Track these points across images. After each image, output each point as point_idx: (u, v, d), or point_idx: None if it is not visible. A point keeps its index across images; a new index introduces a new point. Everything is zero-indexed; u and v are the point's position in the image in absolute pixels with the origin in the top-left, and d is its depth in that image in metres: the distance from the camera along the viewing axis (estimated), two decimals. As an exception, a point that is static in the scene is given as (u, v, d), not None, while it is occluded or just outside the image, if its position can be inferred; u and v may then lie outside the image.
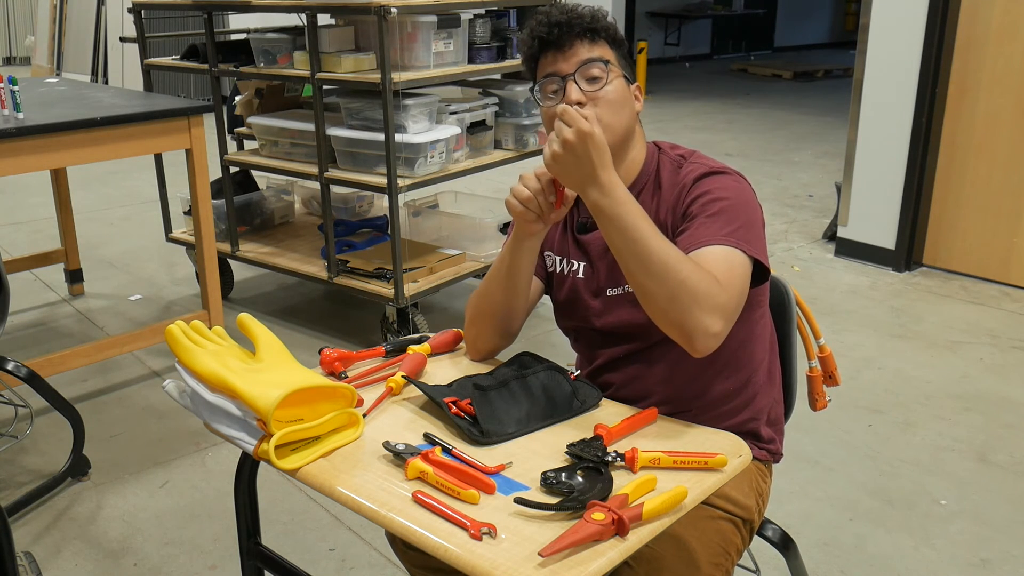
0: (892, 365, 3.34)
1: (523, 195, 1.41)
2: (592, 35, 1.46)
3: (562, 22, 1.45)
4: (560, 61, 1.46)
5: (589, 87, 1.44)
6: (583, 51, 1.45)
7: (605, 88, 1.45)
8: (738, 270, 1.35)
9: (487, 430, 1.30)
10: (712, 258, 1.34)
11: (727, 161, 1.56)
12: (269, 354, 1.36)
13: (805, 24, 13.99)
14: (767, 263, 1.41)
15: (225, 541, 2.36)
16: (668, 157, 1.54)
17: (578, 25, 1.46)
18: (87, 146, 2.72)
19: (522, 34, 1.52)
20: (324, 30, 3.22)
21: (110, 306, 3.99)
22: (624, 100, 1.47)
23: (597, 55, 1.46)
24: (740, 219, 1.40)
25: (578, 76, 1.44)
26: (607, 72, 1.45)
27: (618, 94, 1.46)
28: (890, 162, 4.21)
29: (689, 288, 1.28)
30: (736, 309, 1.34)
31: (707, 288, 1.28)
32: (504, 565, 1.03)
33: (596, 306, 1.55)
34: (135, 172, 6.22)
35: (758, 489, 1.54)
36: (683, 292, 1.28)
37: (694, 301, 1.28)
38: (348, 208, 4.09)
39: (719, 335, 1.30)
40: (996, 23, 3.89)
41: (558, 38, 1.46)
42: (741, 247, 1.37)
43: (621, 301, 1.52)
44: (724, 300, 1.30)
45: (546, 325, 3.53)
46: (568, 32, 1.45)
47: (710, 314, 1.28)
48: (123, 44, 8.66)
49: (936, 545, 2.32)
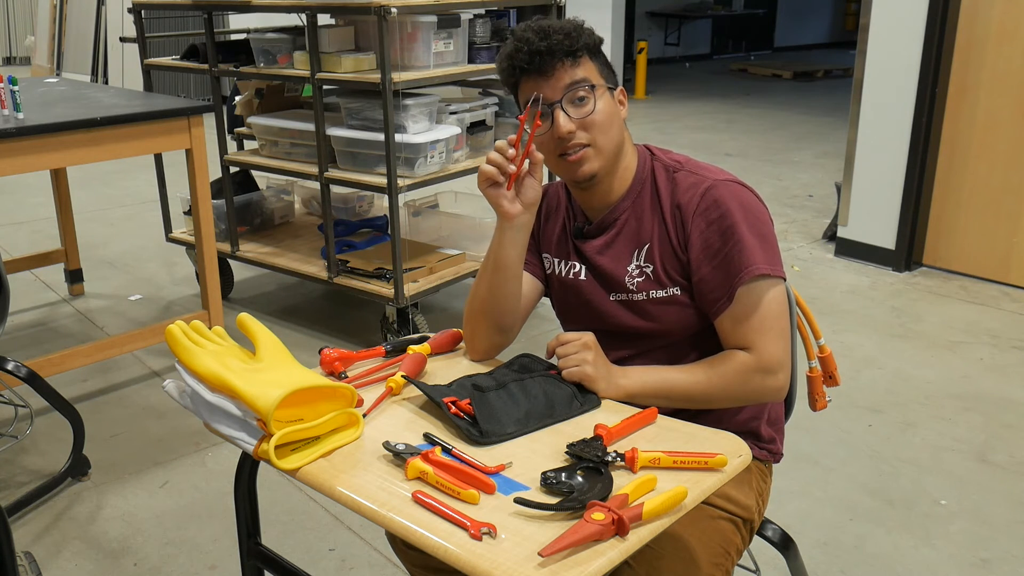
0: (892, 365, 3.34)
1: (493, 157, 1.42)
2: (573, 57, 1.44)
3: (542, 51, 1.42)
4: (543, 86, 1.44)
5: (577, 112, 1.44)
6: (565, 75, 1.43)
7: (594, 112, 1.44)
8: (775, 307, 1.43)
9: (486, 430, 1.30)
10: (751, 309, 1.42)
11: (727, 161, 1.57)
12: (269, 354, 1.36)
13: (805, 24, 13.99)
14: (784, 274, 1.47)
15: (225, 541, 2.36)
16: (661, 163, 1.54)
17: (559, 50, 1.42)
18: (87, 146, 2.71)
19: (499, 57, 1.50)
20: (324, 30, 3.22)
21: (110, 306, 3.99)
22: (612, 117, 1.47)
23: (580, 77, 1.44)
24: (756, 237, 1.43)
25: (564, 103, 1.44)
26: (592, 93, 1.44)
27: (605, 114, 1.46)
28: (890, 162, 4.21)
29: (738, 393, 1.44)
30: (784, 352, 1.44)
31: (748, 376, 1.42)
32: (504, 565, 1.03)
33: (600, 310, 1.55)
34: (135, 172, 6.22)
35: (758, 489, 1.54)
36: (736, 397, 1.44)
37: (747, 395, 1.44)
38: (348, 208, 4.09)
39: (784, 385, 1.45)
40: (996, 24, 3.89)
41: (539, 66, 1.43)
42: (766, 272, 1.42)
43: (624, 305, 1.53)
44: (767, 361, 1.41)
45: (546, 325, 3.53)
46: (549, 59, 1.43)
47: (767, 386, 1.43)
48: (123, 44, 8.66)
49: (936, 545, 2.32)
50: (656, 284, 1.49)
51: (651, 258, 1.50)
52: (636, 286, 1.51)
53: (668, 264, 1.48)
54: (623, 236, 1.52)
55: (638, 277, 1.50)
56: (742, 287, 1.42)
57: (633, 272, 1.51)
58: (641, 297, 1.51)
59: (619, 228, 1.53)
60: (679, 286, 1.48)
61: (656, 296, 1.49)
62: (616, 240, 1.53)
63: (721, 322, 1.45)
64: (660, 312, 1.50)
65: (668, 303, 1.49)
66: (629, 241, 1.52)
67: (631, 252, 1.51)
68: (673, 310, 1.49)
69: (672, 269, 1.48)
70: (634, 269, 1.51)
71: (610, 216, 1.54)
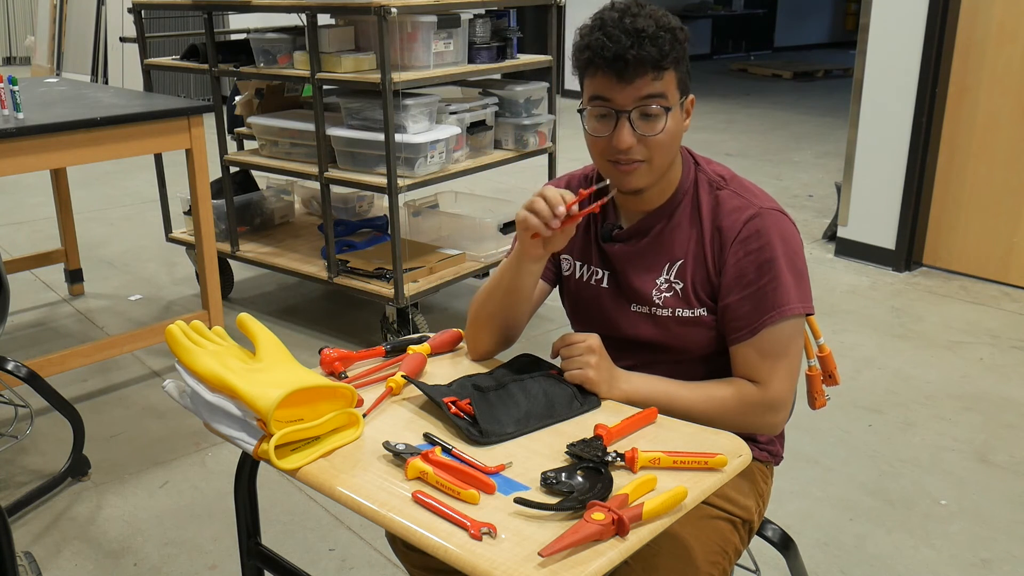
0: (892, 365, 3.34)
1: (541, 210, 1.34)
2: (658, 70, 1.33)
3: (629, 60, 1.30)
4: (617, 91, 1.34)
5: (643, 127, 1.36)
6: (645, 87, 1.33)
7: (660, 133, 1.36)
8: (793, 349, 1.42)
9: (486, 430, 1.29)
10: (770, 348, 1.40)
11: (727, 161, 1.56)
12: (269, 354, 1.36)
13: (805, 24, 13.98)
14: (813, 308, 1.46)
15: (225, 541, 2.36)
16: (705, 175, 1.48)
17: (647, 61, 1.31)
18: (87, 146, 2.72)
19: (580, 38, 1.37)
20: (324, 30, 3.22)
21: (110, 306, 3.99)
22: (675, 137, 1.40)
23: (659, 91, 1.34)
24: (793, 274, 1.41)
25: (634, 114, 1.35)
26: (665, 113, 1.35)
27: (670, 135, 1.38)
28: (890, 162, 4.21)
29: (737, 421, 1.40)
30: (791, 391, 1.43)
31: (751, 408, 1.41)
32: (504, 565, 1.03)
33: (619, 318, 1.51)
34: (135, 172, 6.22)
35: (758, 490, 1.54)
36: (733, 424, 1.38)
37: (746, 425, 1.41)
38: (348, 208, 4.09)
39: (783, 422, 1.45)
40: (996, 24, 3.89)
41: (620, 71, 1.32)
42: (797, 312, 1.41)
43: (645, 318, 1.49)
44: (773, 398, 1.41)
45: (547, 325, 3.53)
46: (634, 68, 1.32)
47: (766, 421, 1.43)
48: (123, 44, 8.66)
49: (936, 545, 2.32)
50: (684, 303, 1.45)
51: (683, 275, 1.45)
52: (663, 301, 1.46)
53: (699, 285, 1.44)
54: (656, 247, 1.47)
55: (666, 292, 1.46)
56: (770, 326, 1.39)
57: (662, 286, 1.46)
58: (666, 313, 1.46)
59: (653, 238, 1.47)
60: (706, 307, 1.44)
61: (682, 315, 1.45)
62: (648, 250, 1.48)
63: (737, 350, 1.43)
64: (682, 331, 1.46)
65: (692, 324, 1.45)
66: (661, 253, 1.47)
67: (662, 265, 1.47)
68: (695, 331, 1.46)
69: (702, 290, 1.44)
70: (663, 283, 1.46)
71: (645, 223, 1.48)
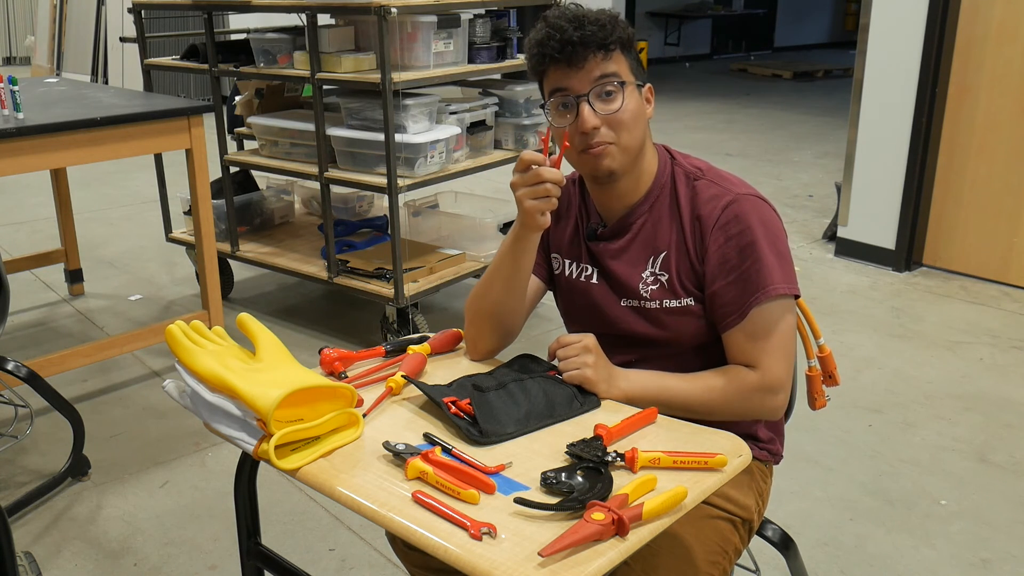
0: (892, 365, 3.34)
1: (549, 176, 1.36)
2: (605, 50, 1.39)
3: (575, 41, 1.37)
4: (572, 77, 1.40)
5: (603, 107, 1.40)
6: (596, 68, 1.39)
7: (621, 109, 1.40)
8: (785, 328, 1.43)
9: (486, 430, 1.30)
10: (761, 329, 1.41)
11: (727, 161, 1.56)
12: (269, 354, 1.36)
13: (805, 24, 13.98)
14: (799, 291, 1.46)
15: (225, 541, 2.36)
16: (682, 168, 1.51)
17: (592, 41, 1.38)
18: (87, 146, 2.71)
19: (529, 42, 1.44)
20: (324, 30, 3.22)
21: (110, 306, 3.99)
22: (638, 116, 1.44)
23: (611, 70, 1.40)
24: (775, 255, 1.42)
25: (592, 96, 1.40)
26: (621, 89, 1.41)
27: (632, 112, 1.42)
28: (890, 162, 4.20)
29: (738, 409, 1.43)
30: (788, 373, 1.44)
31: (750, 393, 1.42)
32: (504, 565, 1.03)
33: (608, 315, 1.54)
34: (135, 172, 6.22)
35: (758, 489, 1.54)
36: (735, 412, 1.43)
37: (747, 411, 1.44)
38: (348, 208, 4.09)
39: (784, 404, 1.45)
40: (996, 23, 3.89)
41: (570, 56, 1.39)
42: (783, 292, 1.42)
43: (635, 312, 1.51)
44: (771, 381, 1.41)
45: (546, 325, 3.53)
46: (582, 50, 1.38)
47: (767, 405, 1.43)
48: (123, 44, 8.65)
49: (936, 545, 2.32)
50: (670, 294, 1.47)
51: (667, 267, 1.48)
52: (650, 294, 1.49)
53: (684, 274, 1.46)
54: (639, 241, 1.50)
55: (652, 285, 1.49)
56: (757, 307, 1.41)
57: (648, 279, 1.49)
58: (654, 305, 1.49)
59: (635, 233, 1.50)
60: (693, 297, 1.46)
61: (669, 306, 1.48)
62: (632, 245, 1.51)
63: (729, 337, 1.44)
64: (672, 321, 1.48)
65: (681, 313, 1.47)
66: (645, 247, 1.50)
67: (646, 258, 1.49)
68: (684, 320, 1.48)
69: (687, 280, 1.46)
70: (649, 276, 1.49)
71: (627, 219, 1.51)
